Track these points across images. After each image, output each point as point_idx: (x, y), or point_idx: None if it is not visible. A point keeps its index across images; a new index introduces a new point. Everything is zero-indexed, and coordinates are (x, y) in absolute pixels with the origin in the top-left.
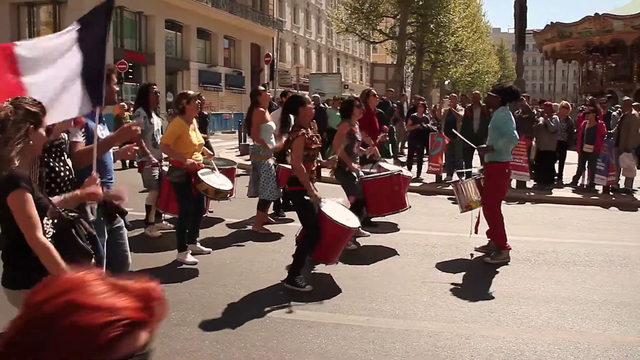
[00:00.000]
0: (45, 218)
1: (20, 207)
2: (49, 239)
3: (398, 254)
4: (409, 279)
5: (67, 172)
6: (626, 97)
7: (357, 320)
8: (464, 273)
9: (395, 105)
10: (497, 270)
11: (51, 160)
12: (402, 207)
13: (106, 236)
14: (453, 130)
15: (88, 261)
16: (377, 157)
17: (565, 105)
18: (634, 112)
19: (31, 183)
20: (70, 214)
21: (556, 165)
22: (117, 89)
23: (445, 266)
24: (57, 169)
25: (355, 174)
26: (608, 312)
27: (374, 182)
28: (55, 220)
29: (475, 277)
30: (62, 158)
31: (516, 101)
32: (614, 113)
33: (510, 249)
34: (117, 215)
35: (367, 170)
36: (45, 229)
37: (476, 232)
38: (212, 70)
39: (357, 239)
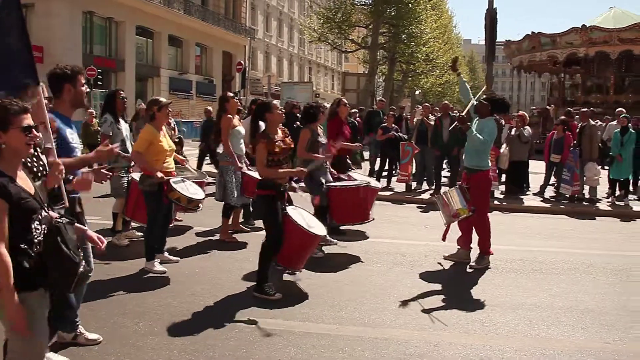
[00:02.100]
0: (37, 222)
1: None
2: (36, 244)
3: (367, 263)
4: (379, 287)
5: (42, 168)
6: (584, 109)
7: (326, 328)
8: (432, 281)
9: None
10: (466, 278)
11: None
12: (365, 219)
13: None
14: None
15: (75, 269)
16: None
17: (522, 115)
18: (592, 122)
19: (8, 189)
20: (59, 220)
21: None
22: (87, 90)
23: (414, 274)
24: (29, 164)
25: (323, 180)
26: (573, 319)
27: (340, 190)
28: (44, 226)
29: (444, 286)
30: (36, 154)
31: (505, 113)
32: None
33: (492, 254)
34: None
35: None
36: (34, 233)
37: (444, 240)
38: (183, 77)
39: (324, 247)
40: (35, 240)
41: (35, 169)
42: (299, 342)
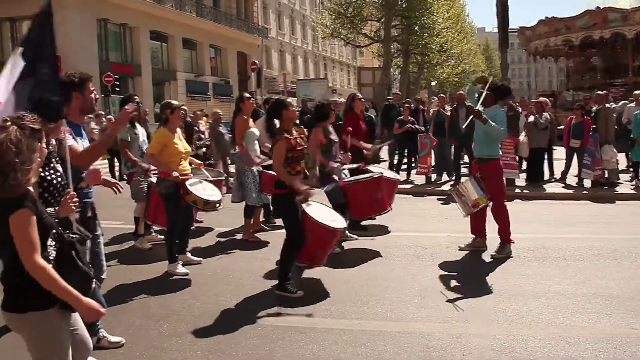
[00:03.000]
0: (51, 239)
1: (21, 227)
2: (52, 261)
3: (389, 257)
4: (400, 281)
5: (60, 179)
6: (598, 92)
7: (348, 324)
8: (454, 273)
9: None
10: (488, 268)
11: (43, 170)
12: (383, 209)
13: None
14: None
15: (89, 283)
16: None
17: (540, 101)
18: (607, 105)
19: (36, 203)
20: (71, 235)
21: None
22: (97, 96)
23: (436, 267)
24: (49, 177)
25: (336, 177)
26: (598, 305)
27: (353, 185)
28: (56, 242)
29: (466, 277)
30: (52, 165)
31: (508, 98)
32: (594, 108)
33: (513, 242)
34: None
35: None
36: (49, 250)
37: (473, 233)
38: (199, 79)
39: (344, 243)
40: (50, 257)
41: (54, 181)
42: (321, 338)
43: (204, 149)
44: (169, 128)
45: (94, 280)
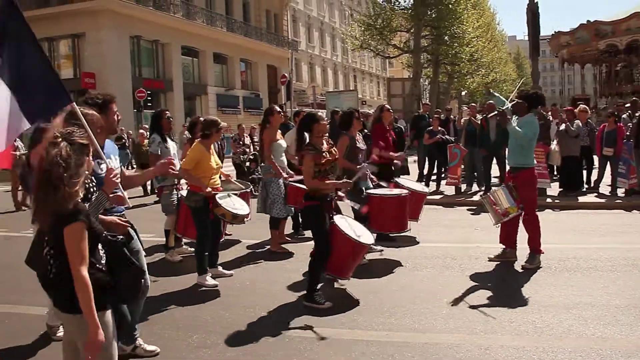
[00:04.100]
0: (100, 245)
1: (74, 240)
2: (103, 264)
3: (418, 267)
4: (429, 292)
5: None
6: (634, 98)
7: (376, 335)
8: (483, 284)
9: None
10: (517, 279)
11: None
12: (403, 229)
13: None
14: None
15: (140, 281)
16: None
17: (583, 109)
18: None
19: (89, 215)
20: (118, 237)
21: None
22: (120, 117)
23: (465, 278)
24: (92, 189)
25: (363, 187)
26: (631, 317)
27: (379, 198)
28: (106, 246)
29: (495, 288)
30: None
31: (542, 106)
32: (624, 116)
33: (543, 253)
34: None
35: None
36: (99, 255)
37: (501, 242)
38: (230, 93)
39: (369, 255)
40: (102, 261)
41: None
42: (348, 349)
43: (247, 163)
44: (205, 144)
45: (145, 278)
